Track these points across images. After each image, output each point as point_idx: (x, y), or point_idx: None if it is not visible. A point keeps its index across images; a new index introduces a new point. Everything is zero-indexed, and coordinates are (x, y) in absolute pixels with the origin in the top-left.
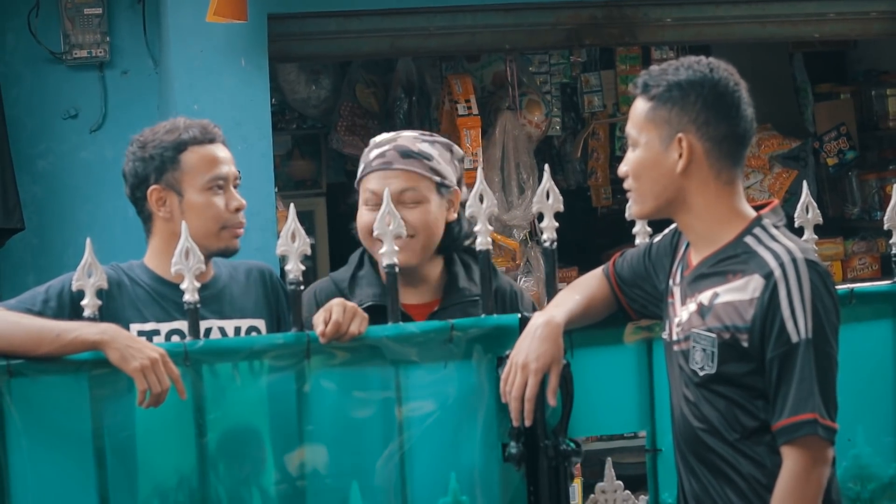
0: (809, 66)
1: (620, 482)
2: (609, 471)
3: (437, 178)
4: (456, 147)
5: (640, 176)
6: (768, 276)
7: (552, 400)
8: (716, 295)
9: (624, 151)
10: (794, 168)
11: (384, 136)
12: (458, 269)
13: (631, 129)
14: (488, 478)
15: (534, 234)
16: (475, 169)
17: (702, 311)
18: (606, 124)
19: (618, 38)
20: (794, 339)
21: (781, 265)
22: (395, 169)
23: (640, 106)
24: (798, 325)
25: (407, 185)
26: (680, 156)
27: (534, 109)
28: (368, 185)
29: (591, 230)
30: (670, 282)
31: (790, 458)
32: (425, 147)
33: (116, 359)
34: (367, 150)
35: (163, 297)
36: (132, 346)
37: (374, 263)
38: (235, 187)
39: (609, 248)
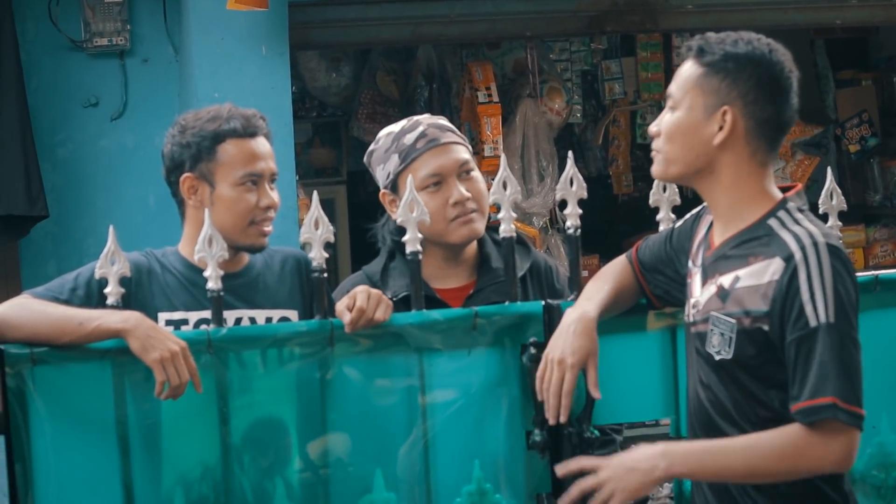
0: (831, 52)
1: None
2: None
3: (471, 148)
4: None
5: (673, 138)
6: (788, 258)
7: (595, 392)
8: (737, 279)
9: (645, 139)
10: (815, 155)
11: (400, 124)
12: (490, 249)
13: (675, 89)
14: (512, 465)
15: (554, 222)
16: (496, 157)
17: (722, 294)
18: (627, 111)
19: (639, 25)
20: (813, 323)
21: (802, 248)
22: (445, 143)
23: (691, 69)
24: (818, 309)
25: (463, 156)
26: (720, 128)
27: (554, 97)
28: (423, 168)
29: (611, 218)
30: (690, 263)
31: (801, 429)
32: (444, 121)
33: (137, 348)
34: (390, 142)
35: (193, 285)
36: (154, 336)
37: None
38: (273, 182)
39: (630, 236)
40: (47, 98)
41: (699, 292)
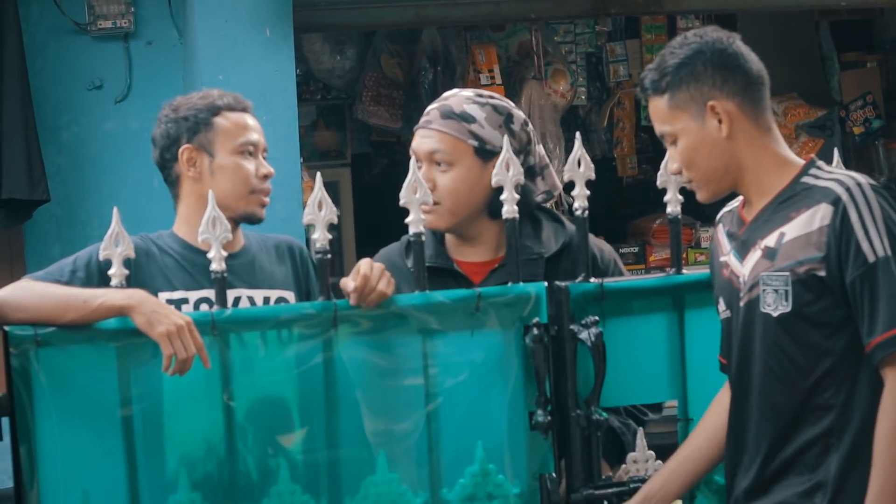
0: (835, 34)
1: (652, 452)
2: (641, 440)
3: (475, 143)
4: (516, 111)
5: (693, 162)
6: (836, 201)
7: None
8: (783, 235)
9: (650, 121)
10: (820, 137)
11: (447, 92)
12: (523, 227)
13: (662, 126)
14: (515, 446)
15: (559, 204)
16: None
17: (769, 254)
18: (632, 94)
19: (643, 7)
20: (871, 258)
21: (848, 189)
22: (431, 129)
23: (659, 103)
24: (874, 244)
25: (438, 146)
26: (720, 122)
27: (559, 79)
28: (413, 142)
29: (616, 200)
30: (722, 259)
31: (893, 376)
32: (472, 109)
33: (142, 324)
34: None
35: (192, 264)
36: (158, 311)
37: None
38: (264, 157)
39: (634, 219)
40: (51, 81)
41: (742, 269)
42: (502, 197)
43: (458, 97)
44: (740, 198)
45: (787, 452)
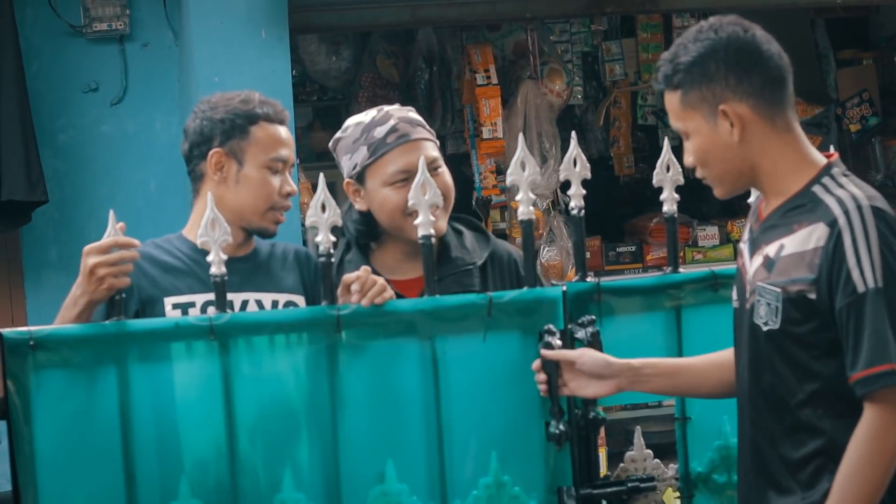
0: (831, 32)
1: (650, 451)
2: (638, 439)
3: (437, 141)
4: None
5: (705, 162)
6: (832, 223)
7: None
8: (782, 247)
9: (646, 120)
10: (817, 135)
11: (370, 114)
12: (450, 239)
13: (675, 122)
14: (531, 457)
15: (556, 204)
16: (495, 139)
17: (768, 264)
18: (628, 93)
19: (639, 6)
20: (861, 288)
21: (846, 212)
22: (415, 139)
23: (671, 99)
24: (864, 274)
25: (432, 153)
26: (731, 125)
27: (555, 78)
28: (391, 164)
29: (613, 199)
30: (740, 245)
31: (869, 411)
32: (413, 114)
33: (91, 299)
34: (359, 133)
35: (201, 267)
36: (80, 283)
37: (362, 247)
38: (289, 173)
39: (631, 218)
40: (47, 83)
41: (750, 267)
42: (518, 197)
43: (395, 109)
44: None
45: (779, 467)
